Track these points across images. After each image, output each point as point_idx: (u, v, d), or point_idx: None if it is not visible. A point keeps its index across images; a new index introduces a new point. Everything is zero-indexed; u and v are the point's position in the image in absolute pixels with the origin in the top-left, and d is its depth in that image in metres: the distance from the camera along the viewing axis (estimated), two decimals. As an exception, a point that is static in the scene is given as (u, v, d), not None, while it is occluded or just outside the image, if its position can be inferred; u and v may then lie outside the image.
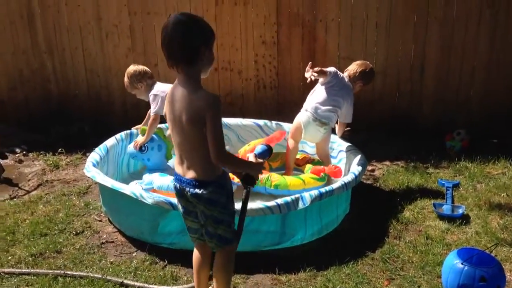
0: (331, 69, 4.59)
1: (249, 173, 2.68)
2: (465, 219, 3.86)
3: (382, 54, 5.74)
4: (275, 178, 4.21)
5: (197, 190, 2.53)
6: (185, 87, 2.48)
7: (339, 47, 5.79)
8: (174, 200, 3.38)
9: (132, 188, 3.64)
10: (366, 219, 3.99)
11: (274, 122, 5.22)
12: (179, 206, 2.74)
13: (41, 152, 5.54)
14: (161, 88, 4.44)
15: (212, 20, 5.77)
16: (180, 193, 2.66)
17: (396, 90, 5.88)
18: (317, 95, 4.54)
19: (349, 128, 4.67)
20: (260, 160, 2.74)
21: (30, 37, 6.11)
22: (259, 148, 2.82)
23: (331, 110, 4.45)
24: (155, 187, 4.18)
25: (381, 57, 5.76)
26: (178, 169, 2.63)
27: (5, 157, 5.46)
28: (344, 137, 4.69)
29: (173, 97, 2.54)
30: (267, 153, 2.83)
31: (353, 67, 4.69)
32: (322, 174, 4.27)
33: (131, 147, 4.53)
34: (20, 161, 5.41)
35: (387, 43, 5.69)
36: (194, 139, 2.48)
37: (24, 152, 5.60)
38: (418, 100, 5.84)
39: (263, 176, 4.22)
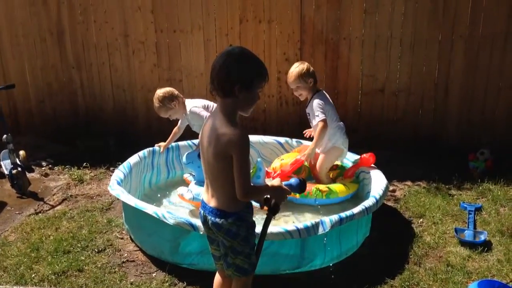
0: (321, 116, 4.37)
1: (273, 199, 2.61)
2: (487, 246, 3.80)
3: (406, 72, 5.71)
4: (324, 188, 4.36)
5: (217, 220, 2.54)
6: (217, 117, 2.49)
7: (362, 64, 5.79)
8: (195, 221, 3.47)
9: (155, 208, 3.69)
10: (386, 243, 3.96)
11: (294, 140, 5.25)
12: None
13: (67, 166, 5.68)
14: (196, 104, 4.60)
15: (237, 37, 5.85)
16: (203, 220, 2.69)
17: (420, 108, 5.83)
18: None
19: None
20: (286, 188, 2.63)
21: (59, 52, 6.31)
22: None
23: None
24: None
25: (405, 75, 5.73)
26: (204, 195, 2.65)
27: (32, 171, 5.61)
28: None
29: (208, 124, 2.55)
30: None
31: (300, 68, 4.41)
32: (353, 176, 4.59)
33: (188, 153, 4.65)
34: (46, 175, 5.55)
35: (411, 61, 5.66)
36: (218, 172, 2.50)
37: (50, 166, 5.75)
38: (441, 119, 5.78)
39: (311, 188, 4.35)
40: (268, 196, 2.64)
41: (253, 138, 5.32)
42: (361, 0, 5.55)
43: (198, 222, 3.44)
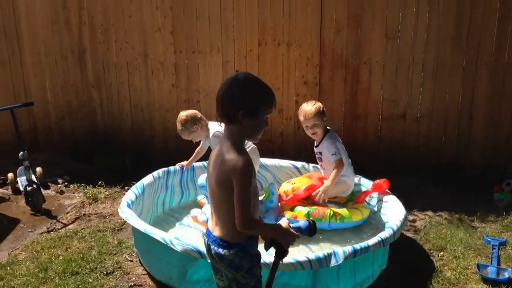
0: (338, 156, 4.40)
1: (278, 240, 2.41)
2: (511, 285, 3.58)
3: (428, 98, 5.57)
4: (338, 212, 4.26)
5: (220, 250, 2.44)
6: (224, 144, 2.42)
7: (383, 89, 5.67)
8: (203, 248, 3.36)
9: (163, 234, 3.61)
10: (403, 277, 3.78)
11: (311, 165, 5.11)
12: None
13: (82, 184, 5.67)
14: (219, 129, 4.47)
15: (255, 60, 5.82)
16: (207, 248, 2.58)
17: (442, 135, 5.66)
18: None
19: None
20: (293, 232, 2.45)
21: (80, 71, 6.36)
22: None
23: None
24: None
25: (427, 100, 5.58)
26: (209, 223, 2.56)
27: (48, 188, 5.61)
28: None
29: (215, 150, 2.48)
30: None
31: (318, 106, 4.46)
32: (365, 202, 4.51)
33: (203, 177, 4.58)
34: (61, 192, 5.55)
35: (434, 87, 5.52)
36: (221, 200, 2.41)
37: (66, 183, 5.75)
38: (465, 147, 5.60)
39: (326, 212, 4.24)
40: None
41: (269, 161, 5.25)
42: (382, 25, 5.46)
43: (206, 249, 3.34)
